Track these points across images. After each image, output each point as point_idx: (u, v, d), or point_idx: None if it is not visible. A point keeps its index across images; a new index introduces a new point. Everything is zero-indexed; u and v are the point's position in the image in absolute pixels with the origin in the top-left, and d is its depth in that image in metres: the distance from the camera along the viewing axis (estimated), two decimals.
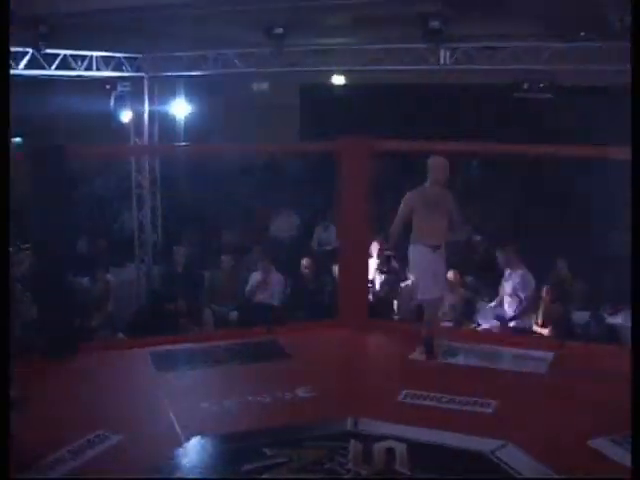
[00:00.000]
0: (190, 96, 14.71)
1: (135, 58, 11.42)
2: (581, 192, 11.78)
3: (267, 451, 5.43)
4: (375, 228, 8.98)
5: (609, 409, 6.31)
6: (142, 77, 11.64)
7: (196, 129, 15.29)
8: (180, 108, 14.86)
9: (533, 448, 5.56)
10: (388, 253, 7.86)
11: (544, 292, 9.00)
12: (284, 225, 13.17)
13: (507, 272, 9.31)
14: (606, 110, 12.85)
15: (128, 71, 11.33)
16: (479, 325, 9.29)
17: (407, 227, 7.35)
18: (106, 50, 10.91)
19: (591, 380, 6.90)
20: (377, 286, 9.58)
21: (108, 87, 10.98)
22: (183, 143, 14.35)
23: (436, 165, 7.35)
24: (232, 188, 15.03)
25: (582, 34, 11.05)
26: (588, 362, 7.32)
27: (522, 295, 9.09)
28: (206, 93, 14.87)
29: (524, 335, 8.43)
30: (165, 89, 12.95)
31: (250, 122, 15.42)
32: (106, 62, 10.96)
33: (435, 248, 7.30)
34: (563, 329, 7.44)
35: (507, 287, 9.24)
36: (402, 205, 7.37)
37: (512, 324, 9.12)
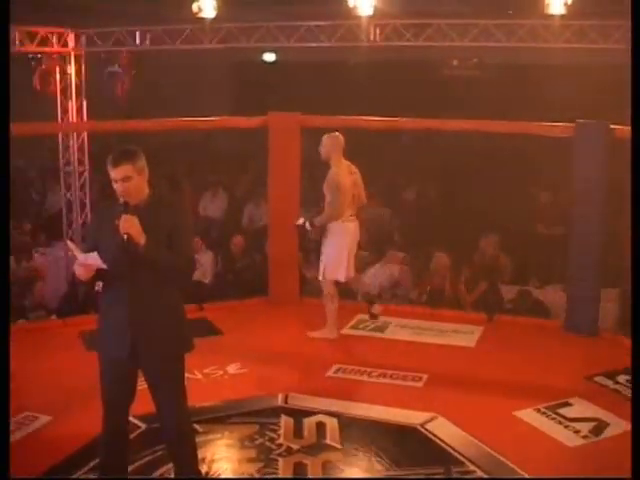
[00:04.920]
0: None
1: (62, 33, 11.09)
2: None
3: (199, 428, 5.42)
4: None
5: (534, 381, 6.49)
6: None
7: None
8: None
9: (461, 420, 5.66)
10: None
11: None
12: (213, 203, 13.03)
13: None
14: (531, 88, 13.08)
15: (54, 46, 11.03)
16: None
17: None
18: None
19: (518, 353, 7.04)
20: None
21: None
22: None
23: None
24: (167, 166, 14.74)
25: (509, 12, 11.19)
26: (516, 335, 7.46)
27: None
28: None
29: (453, 310, 8.49)
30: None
31: (184, 98, 15.20)
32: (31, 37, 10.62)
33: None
34: (490, 304, 7.52)
35: None
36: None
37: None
